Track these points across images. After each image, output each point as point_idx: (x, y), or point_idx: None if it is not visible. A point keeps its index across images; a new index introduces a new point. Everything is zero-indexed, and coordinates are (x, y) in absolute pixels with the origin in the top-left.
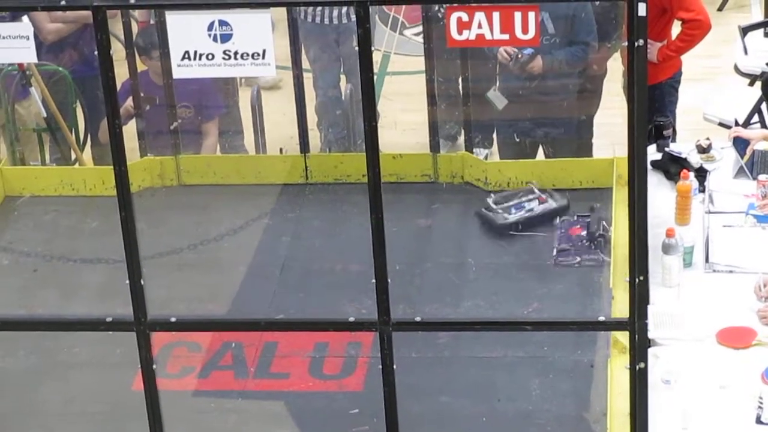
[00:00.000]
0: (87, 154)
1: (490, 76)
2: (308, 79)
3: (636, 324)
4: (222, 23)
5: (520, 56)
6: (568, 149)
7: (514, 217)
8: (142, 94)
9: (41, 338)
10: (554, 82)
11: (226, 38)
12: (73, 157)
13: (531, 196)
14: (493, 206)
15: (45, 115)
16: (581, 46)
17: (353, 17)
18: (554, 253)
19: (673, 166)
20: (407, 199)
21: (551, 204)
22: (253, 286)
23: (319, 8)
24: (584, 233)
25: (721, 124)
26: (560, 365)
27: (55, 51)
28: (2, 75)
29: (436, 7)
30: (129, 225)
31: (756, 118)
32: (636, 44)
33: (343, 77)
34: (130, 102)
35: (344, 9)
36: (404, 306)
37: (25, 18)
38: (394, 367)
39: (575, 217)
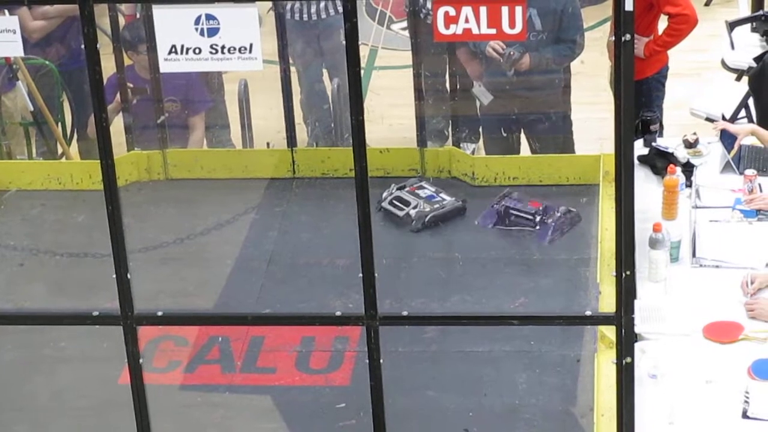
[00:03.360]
0: (74, 148)
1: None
2: (295, 73)
3: (623, 318)
4: (209, 17)
5: (512, 53)
6: (552, 144)
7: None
8: (131, 86)
9: (27, 332)
10: (539, 76)
11: (213, 32)
12: (60, 151)
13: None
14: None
15: (32, 108)
16: (569, 44)
17: (332, 12)
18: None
19: (659, 161)
20: None
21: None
22: (240, 280)
23: (297, 4)
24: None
25: (708, 119)
26: (547, 360)
27: (42, 45)
28: None
29: (420, 3)
30: (116, 219)
31: (743, 113)
32: (623, 39)
33: (325, 72)
34: (119, 98)
35: (322, 4)
36: (391, 300)
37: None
38: (381, 361)
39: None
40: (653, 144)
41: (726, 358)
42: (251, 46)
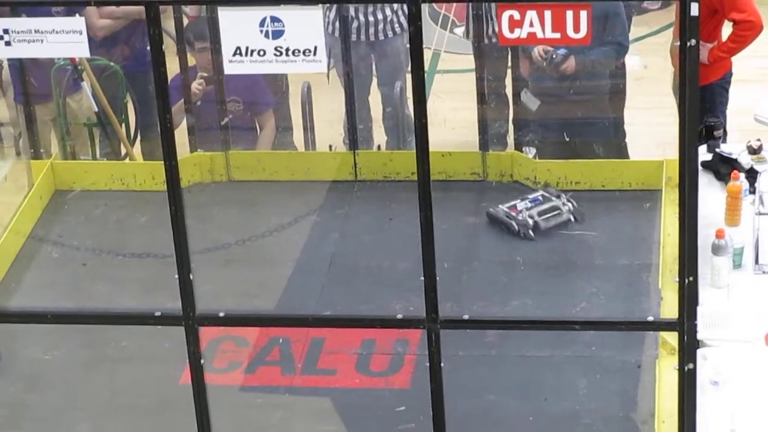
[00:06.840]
0: (137, 149)
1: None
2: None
3: (685, 325)
4: (274, 19)
5: (555, 56)
6: (601, 149)
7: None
8: (204, 74)
9: (90, 332)
10: (587, 81)
11: (277, 34)
12: (123, 151)
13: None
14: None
15: (96, 109)
16: (614, 46)
17: (390, 34)
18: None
19: (723, 167)
20: (456, 197)
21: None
22: (301, 282)
23: (355, 24)
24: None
25: None
26: (608, 365)
27: (107, 46)
28: (55, 69)
29: (483, 8)
30: (178, 220)
31: None
32: (688, 44)
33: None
34: (196, 85)
35: (380, 26)
36: (452, 304)
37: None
38: (442, 364)
39: None
40: (717, 150)
41: None
42: (315, 48)
